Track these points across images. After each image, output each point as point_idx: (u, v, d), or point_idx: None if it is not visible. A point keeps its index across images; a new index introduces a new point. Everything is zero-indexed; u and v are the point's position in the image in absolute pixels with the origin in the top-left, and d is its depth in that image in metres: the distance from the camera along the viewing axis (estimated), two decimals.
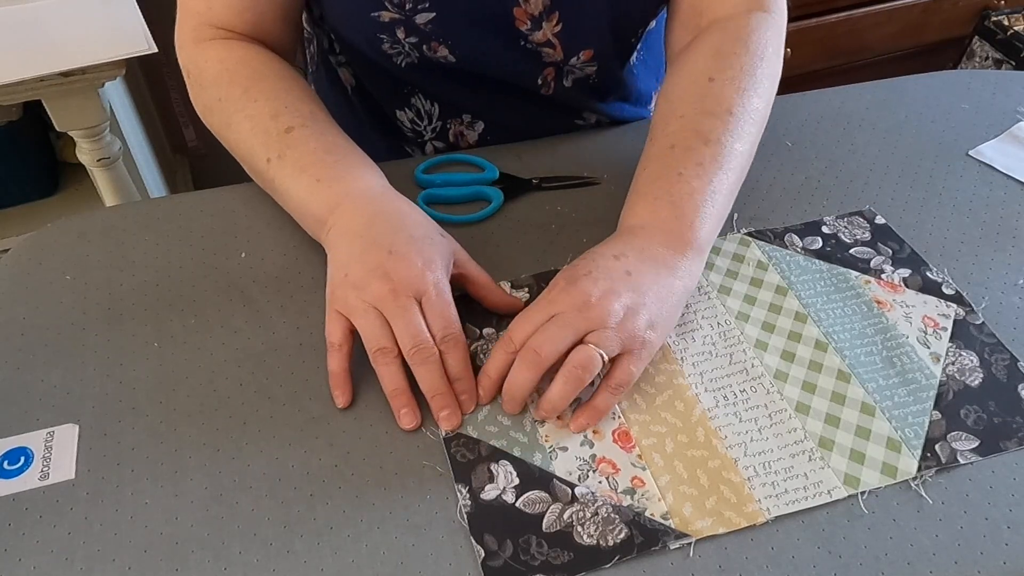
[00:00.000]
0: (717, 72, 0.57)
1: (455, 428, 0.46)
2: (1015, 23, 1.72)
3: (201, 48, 0.61)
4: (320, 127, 0.58)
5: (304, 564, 0.42)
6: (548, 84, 0.70)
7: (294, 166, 0.55)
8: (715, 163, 0.54)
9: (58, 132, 1.04)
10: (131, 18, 0.93)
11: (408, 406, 0.46)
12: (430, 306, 0.48)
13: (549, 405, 0.47)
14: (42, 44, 0.89)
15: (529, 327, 0.47)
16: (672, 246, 0.52)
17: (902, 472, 0.47)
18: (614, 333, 0.46)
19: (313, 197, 0.54)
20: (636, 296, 0.48)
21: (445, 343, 0.47)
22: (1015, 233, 0.62)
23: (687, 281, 0.51)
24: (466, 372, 0.48)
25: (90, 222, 0.62)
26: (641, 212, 0.54)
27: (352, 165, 0.56)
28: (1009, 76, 0.80)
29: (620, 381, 0.47)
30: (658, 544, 0.43)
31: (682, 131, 0.56)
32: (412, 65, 0.67)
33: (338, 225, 0.53)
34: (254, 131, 0.57)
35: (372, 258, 0.49)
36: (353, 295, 0.48)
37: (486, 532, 0.44)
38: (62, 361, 0.52)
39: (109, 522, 0.44)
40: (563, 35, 0.65)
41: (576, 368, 0.46)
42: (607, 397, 0.47)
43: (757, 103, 0.57)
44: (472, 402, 0.48)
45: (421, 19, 0.61)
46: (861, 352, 0.53)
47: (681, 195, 0.53)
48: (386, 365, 0.47)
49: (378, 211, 0.52)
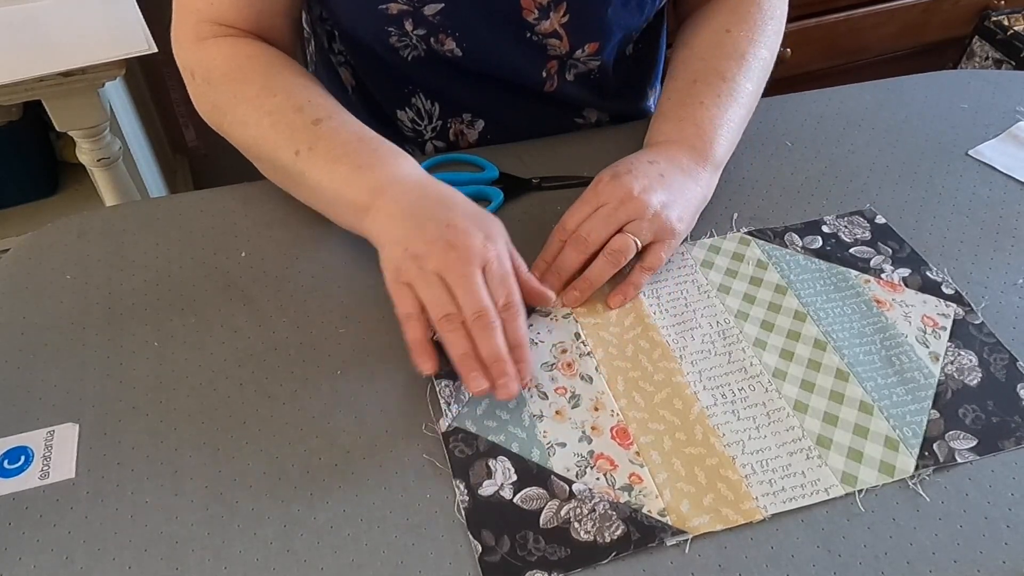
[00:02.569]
0: (733, 25, 0.67)
1: (513, 396, 0.47)
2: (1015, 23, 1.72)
3: (204, 46, 0.61)
4: (346, 118, 0.58)
5: (304, 563, 0.42)
6: (552, 78, 0.70)
7: (327, 156, 0.55)
8: (730, 97, 0.63)
9: (58, 132, 1.04)
10: (131, 18, 0.93)
11: (477, 370, 0.47)
12: (492, 275, 0.49)
13: (587, 283, 0.55)
14: (42, 44, 0.89)
15: (579, 216, 0.56)
16: (695, 159, 0.61)
17: (900, 471, 0.47)
18: (649, 224, 0.55)
19: (352, 184, 0.54)
20: (668, 194, 0.57)
21: (507, 311, 0.49)
22: (1015, 233, 0.62)
23: (705, 190, 0.61)
24: (524, 340, 0.49)
25: (90, 222, 0.62)
26: (668, 130, 0.63)
27: (389, 153, 0.56)
28: (1009, 76, 0.80)
29: (652, 264, 0.56)
30: (655, 541, 0.43)
31: (703, 70, 0.65)
32: (418, 59, 0.67)
33: (384, 208, 0.52)
34: (276, 126, 0.57)
35: (432, 231, 0.49)
36: (415, 266, 0.49)
37: (484, 528, 0.44)
38: (62, 361, 0.52)
39: (109, 521, 0.44)
40: (570, 26, 0.65)
41: (615, 252, 0.55)
42: (641, 275, 0.56)
43: (765, 53, 0.67)
44: (528, 370, 0.48)
45: (429, 10, 0.62)
46: (860, 351, 0.53)
47: (703, 119, 0.62)
48: (452, 332, 0.47)
49: (425, 193, 0.53)
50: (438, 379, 0.51)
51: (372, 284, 0.57)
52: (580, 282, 0.55)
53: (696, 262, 0.59)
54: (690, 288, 0.58)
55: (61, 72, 0.89)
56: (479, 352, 0.47)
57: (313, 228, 0.61)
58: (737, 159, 0.66)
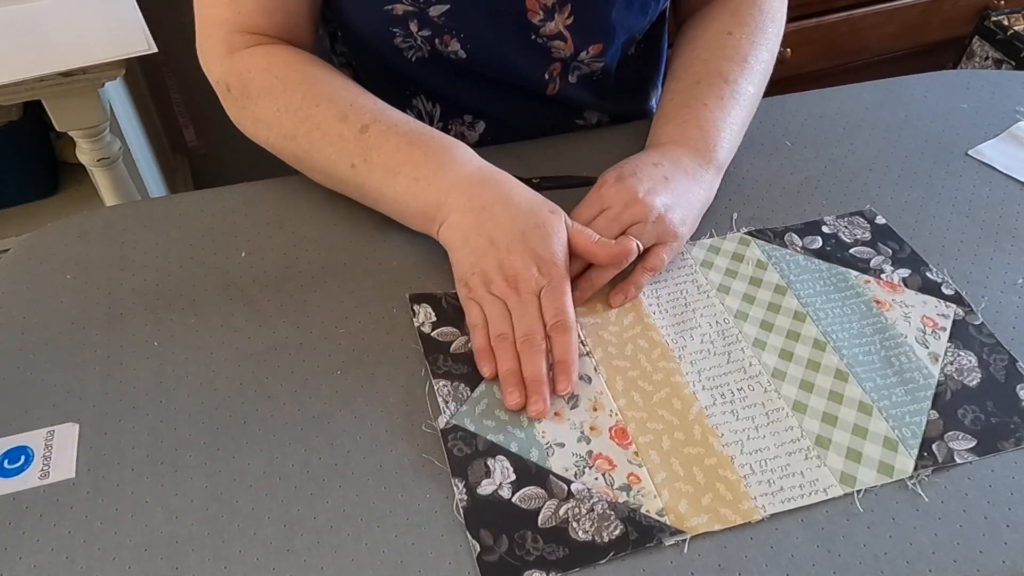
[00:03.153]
0: (735, 27, 0.68)
1: (541, 415, 0.49)
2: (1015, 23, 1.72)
3: (239, 59, 0.60)
4: (392, 118, 0.59)
5: (304, 563, 0.42)
6: (554, 80, 0.70)
7: (384, 169, 0.57)
8: (732, 99, 0.64)
9: (58, 132, 1.04)
10: (131, 18, 0.93)
11: (516, 387, 0.50)
12: (546, 298, 0.53)
13: (589, 283, 0.56)
14: (42, 44, 0.89)
15: (584, 219, 0.57)
16: (698, 161, 0.61)
17: (899, 471, 0.47)
18: (652, 227, 0.56)
19: (415, 198, 0.56)
20: (672, 196, 0.58)
21: (555, 328, 0.52)
22: (1014, 233, 0.62)
23: (708, 192, 0.62)
24: (570, 356, 0.51)
25: (90, 222, 0.62)
26: (671, 131, 0.63)
27: (440, 153, 0.57)
28: (1009, 76, 0.80)
29: (653, 265, 0.57)
30: (653, 541, 0.43)
31: (706, 71, 0.66)
32: (421, 60, 0.67)
33: (448, 222, 0.55)
34: (327, 138, 0.58)
35: (493, 258, 0.53)
36: (483, 287, 0.54)
37: (482, 527, 0.44)
38: (62, 361, 0.52)
39: (109, 521, 0.44)
40: (574, 28, 0.65)
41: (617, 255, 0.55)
42: (642, 275, 0.57)
43: (766, 55, 0.68)
44: (568, 385, 0.50)
45: (435, 11, 0.62)
46: (859, 351, 0.53)
47: (706, 121, 0.63)
48: (503, 350, 0.51)
49: (483, 206, 0.55)
50: (436, 378, 0.51)
51: (372, 284, 0.57)
52: (582, 283, 0.56)
53: (696, 262, 0.60)
54: (690, 288, 0.58)
55: (61, 72, 0.90)
56: (523, 370, 0.50)
57: (313, 228, 0.61)
58: (737, 159, 0.66)
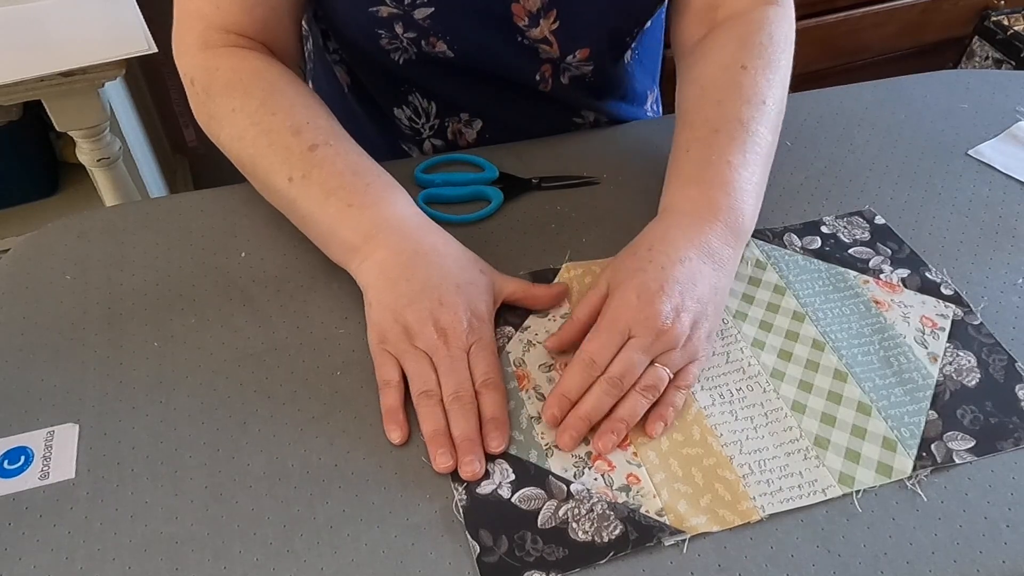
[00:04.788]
0: (748, 60, 0.60)
1: (475, 477, 0.46)
2: (1015, 23, 1.72)
3: (211, 55, 0.60)
4: (344, 145, 0.57)
5: (304, 563, 0.42)
6: (546, 80, 0.70)
7: (321, 188, 0.54)
8: (755, 153, 0.57)
9: (58, 132, 1.04)
10: (131, 18, 0.93)
11: (445, 446, 0.47)
12: (475, 355, 0.50)
13: (623, 424, 0.48)
14: (42, 44, 0.89)
15: (608, 351, 0.49)
16: (727, 239, 0.55)
17: (897, 471, 0.47)
18: (681, 352, 0.50)
19: (344, 223, 0.54)
20: (700, 307, 0.51)
21: (485, 386, 0.49)
22: (1014, 233, 0.62)
23: (732, 271, 0.55)
24: (501, 413, 0.48)
25: (90, 222, 0.62)
26: (696, 197, 0.56)
27: (383, 189, 0.55)
28: (1009, 76, 0.80)
29: (687, 383, 0.51)
30: (652, 540, 0.43)
31: (723, 118, 0.58)
32: (410, 61, 0.67)
33: (374, 259, 0.53)
34: (273, 147, 0.56)
35: (423, 307, 0.50)
36: (405, 340, 0.50)
37: (481, 528, 0.44)
38: (62, 361, 0.52)
39: (109, 521, 0.44)
40: (560, 33, 0.65)
41: (648, 388, 0.49)
42: (676, 394, 0.50)
43: (781, 93, 0.61)
44: (502, 442, 0.47)
45: (420, 14, 0.61)
46: (858, 351, 0.53)
47: (733, 186, 0.56)
48: (429, 407, 0.48)
49: (416, 250, 0.53)
50: None
51: None
52: (614, 423, 0.48)
53: None
54: None
55: (61, 72, 0.90)
56: (452, 429, 0.48)
57: None
58: None
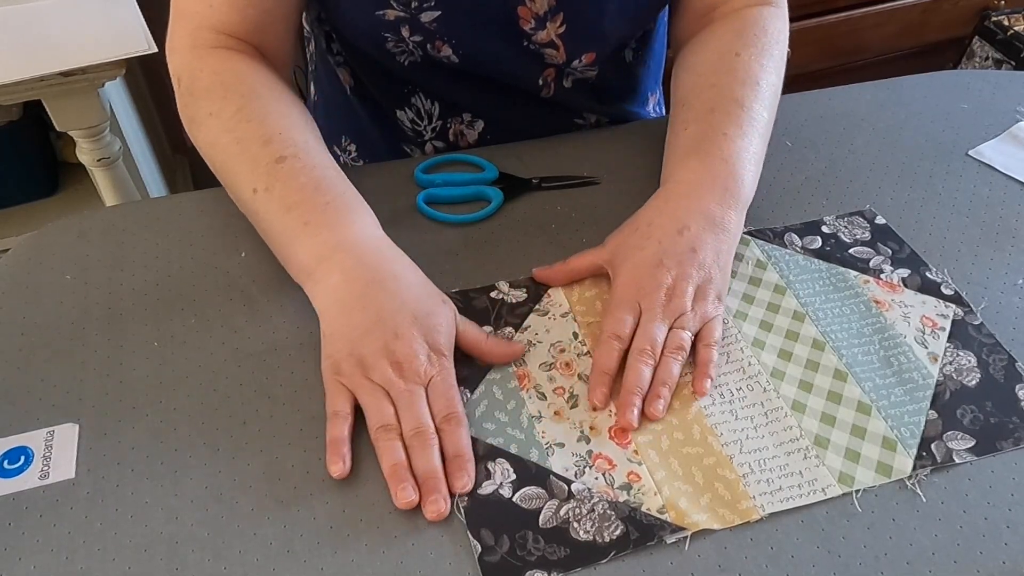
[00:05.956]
0: (742, 48, 0.63)
1: (441, 517, 0.44)
2: (1015, 23, 1.72)
3: (198, 55, 0.59)
4: (312, 159, 0.55)
5: (304, 564, 0.42)
6: (548, 85, 0.70)
7: (281, 203, 0.53)
8: (751, 126, 0.60)
9: (58, 132, 1.04)
10: (131, 18, 0.93)
11: (406, 481, 0.45)
12: (434, 389, 0.49)
13: (667, 387, 0.50)
14: (42, 44, 0.89)
15: (623, 323, 0.53)
16: (725, 202, 0.56)
17: (897, 471, 0.47)
18: (693, 315, 0.53)
19: (299, 242, 0.52)
20: (703, 273, 0.54)
21: (447, 422, 0.48)
22: (1014, 233, 0.62)
23: (735, 234, 0.57)
24: (464, 450, 0.47)
25: (90, 222, 0.62)
26: (695, 167, 0.58)
27: (343, 208, 0.54)
28: (1009, 76, 0.80)
29: (713, 338, 0.53)
30: (654, 539, 0.43)
31: (719, 98, 0.61)
32: (414, 64, 0.67)
33: (327, 283, 0.51)
34: (242, 156, 0.55)
35: (378, 339, 0.49)
36: (359, 373, 0.48)
37: (483, 527, 0.44)
38: (62, 361, 0.52)
39: (109, 521, 0.44)
40: (567, 36, 0.65)
41: (676, 350, 0.52)
42: (707, 351, 0.52)
43: (775, 79, 0.63)
44: (469, 481, 0.46)
45: (426, 17, 0.61)
46: (858, 351, 0.53)
47: (730, 152, 0.58)
48: (388, 441, 0.46)
49: (372, 278, 0.51)
50: None
51: None
52: (657, 387, 0.50)
53: None
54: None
55: (61, 72, 0.90)
56: (413, 466, 0.46)
57: None
58: None
